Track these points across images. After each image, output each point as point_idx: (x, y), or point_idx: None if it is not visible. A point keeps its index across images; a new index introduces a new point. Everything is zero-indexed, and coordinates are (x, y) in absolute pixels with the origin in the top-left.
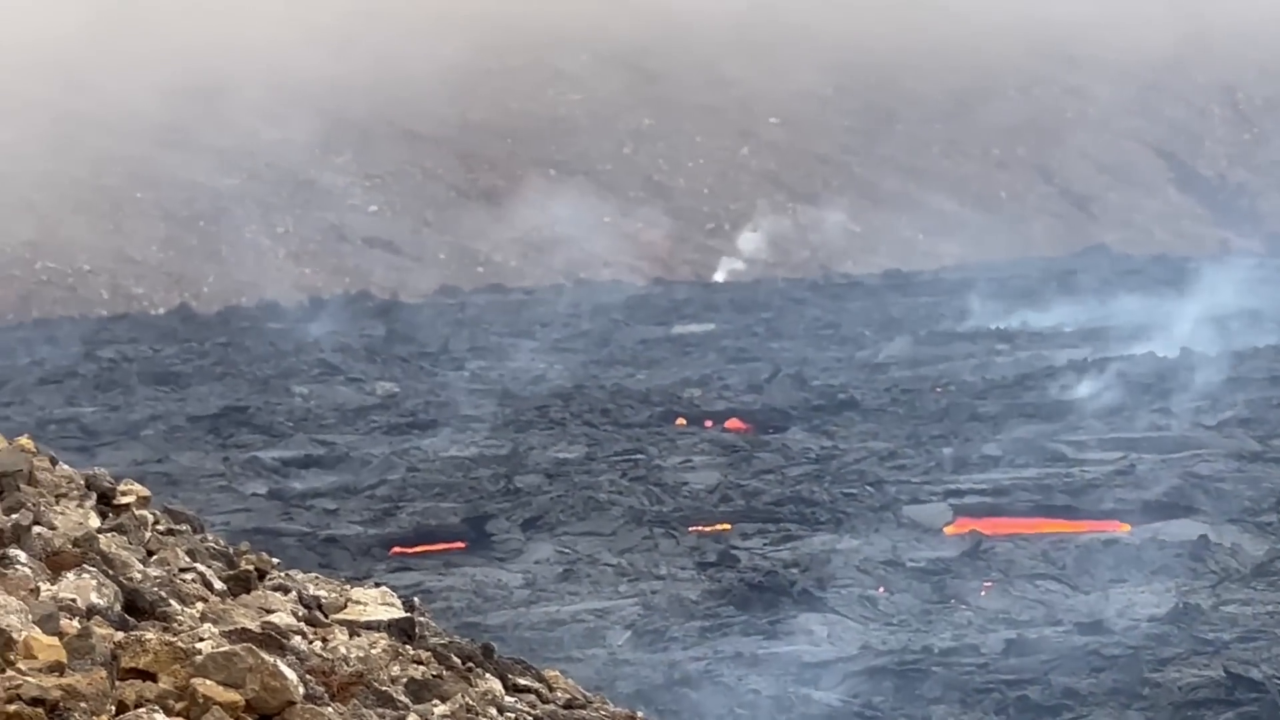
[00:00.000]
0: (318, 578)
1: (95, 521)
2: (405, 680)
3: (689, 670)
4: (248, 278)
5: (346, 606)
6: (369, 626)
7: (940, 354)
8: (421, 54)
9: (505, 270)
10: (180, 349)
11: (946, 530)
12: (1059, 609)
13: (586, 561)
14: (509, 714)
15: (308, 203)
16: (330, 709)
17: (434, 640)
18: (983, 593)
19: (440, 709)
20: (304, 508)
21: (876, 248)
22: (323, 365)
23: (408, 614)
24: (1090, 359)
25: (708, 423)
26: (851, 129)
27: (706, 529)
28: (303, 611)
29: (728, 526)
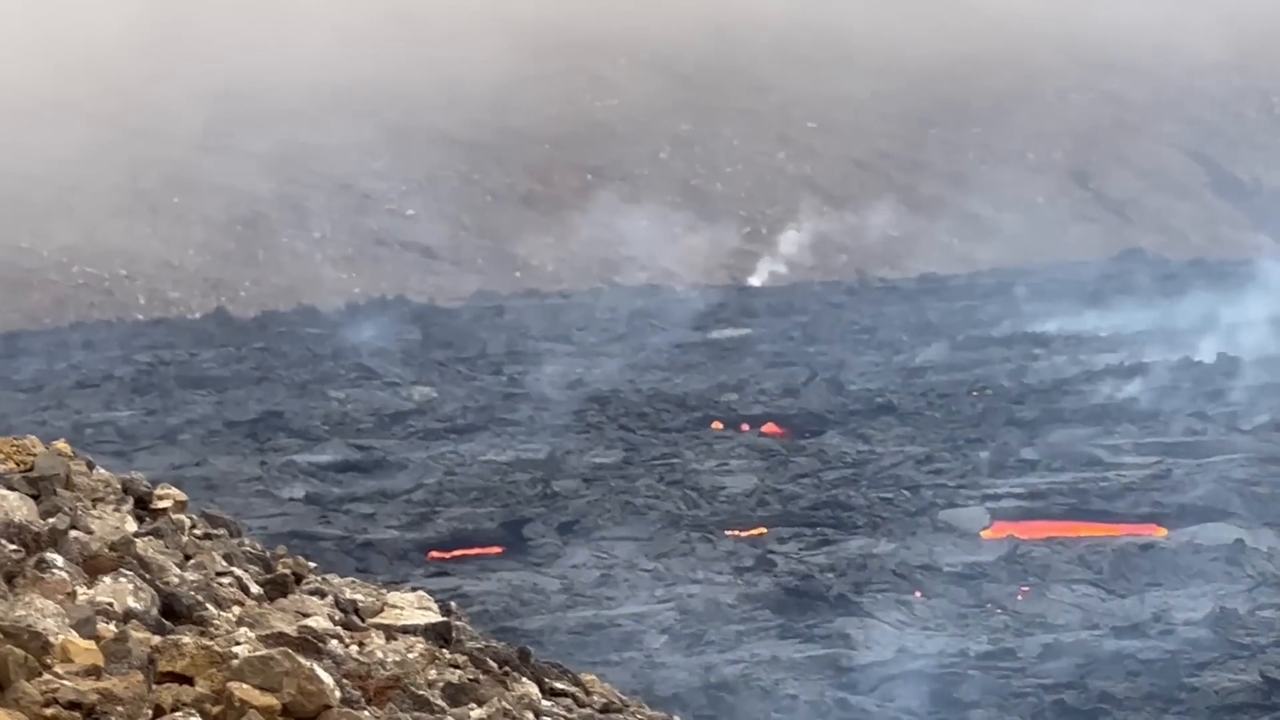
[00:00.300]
0: (354, 582)
1: (132, 526)
2: (442, 684)
3: (726, 674)
4: (285, 282)
5: (383, 610)
6: (406, 630)
7: (977, 358)
8: (460, 59)
9: (542, 275)
10: (217, 353)
11: (983, 534)
12: (1095, 613)
13: (623, 566)
14: (546, 718)
15: (345, 207)
16: (367, 713)
17: (471, 644)
18: (1019, 597)
19: (477, 713)
20: (341, 512)
21: (913, 252)
22: (360, 370)
23: (444, 618)
24: (1126, 363)
25: (744, 427)
26: (888, 134)
27: (743, 533)
28: (339, 615)
29: (764, 531)
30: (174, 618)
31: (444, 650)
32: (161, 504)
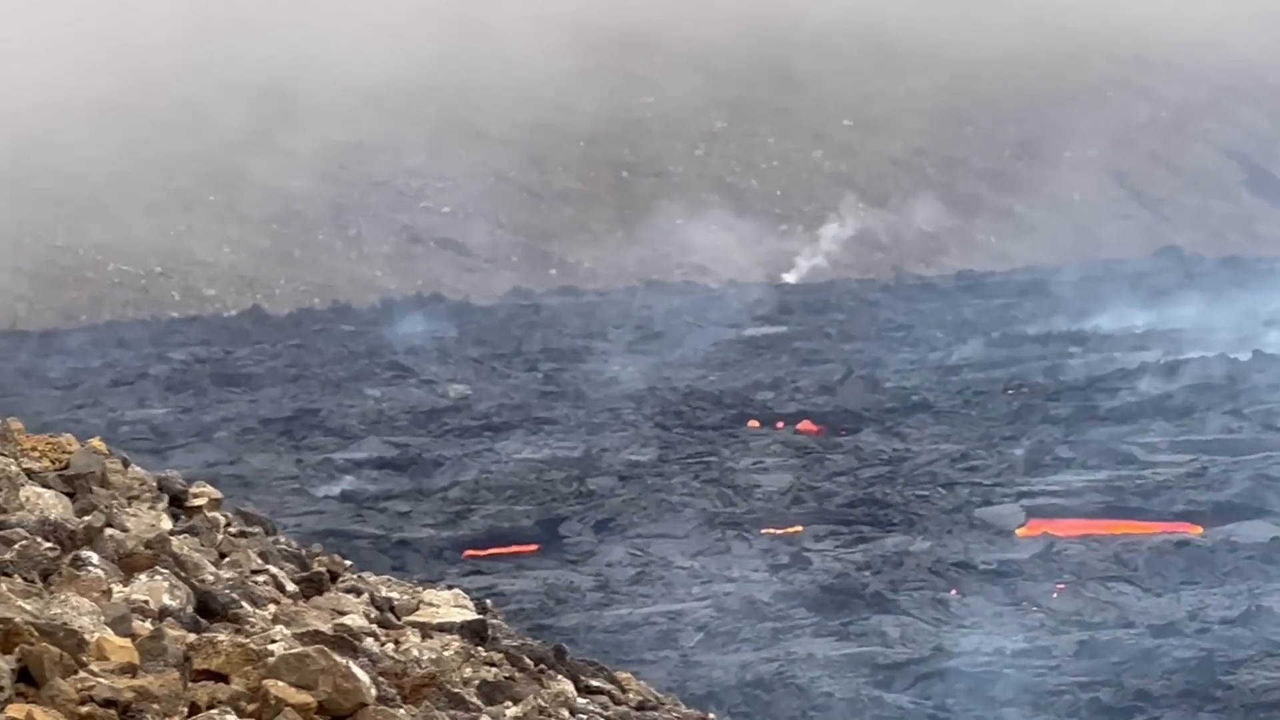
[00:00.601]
0: (390, 580)
1: (167, 523)
2: (477, 682)
3: (761, 672)
4: (321, 280)
5: (419, 608)
6: (441, 628)
7: (1013, 356)
8: (494, 56)
9: (578, 272)
10: (252, 351)
11: (1019, 532)
12: (1131, 611)
13: (659, 564)
14: (581, 715)
15: (380, 205)
16: (402, 711)
17: (506, 642)
18: (1055, 595)
19: (512, 711)
20: (376, 510)
21: (949, 249)
22: (395, 367)
23: (480, 616)
24: (1162, 361)
25: (780, 424)
26: (925, 131)
27: (779, 531)
28: (375, 613)
29: (800, 528)
30: (209, 615)
31: (479, 648)
32: (197, 502)
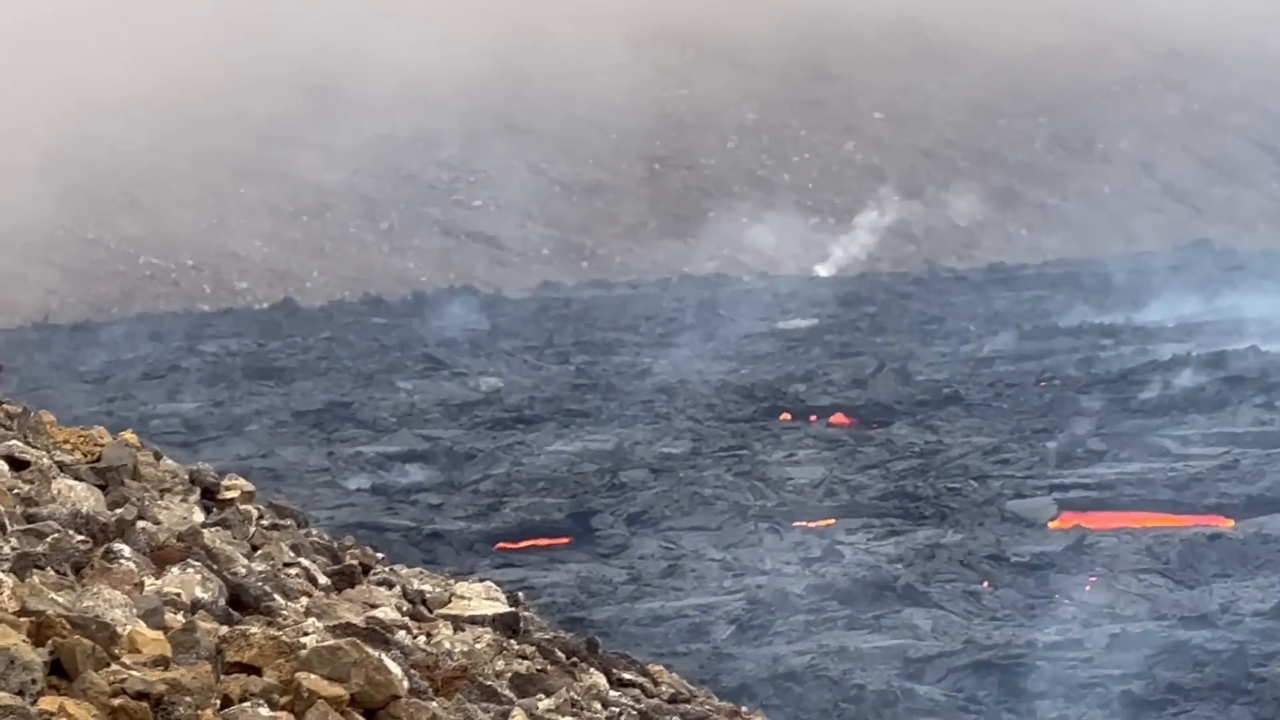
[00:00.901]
0: (422, 572)
1: (199, 516)
2: (510, 675)
3: (793, 665)
4: (351, 273)
5: (451, 601)
6: (474, 621)
7: (1044, 348)
8: (525, 49)
9: (610, 265)
10: (284, 344)
11: (1050, 525)
12: (1163, 604)
13: (691, 556)
14: (613, 708)
15: (412, 198)
16: (435, 703)
17: (539, 635)
18: (1087, 587)
19: (545, 703)
20: (408, 503)
21: (980, 242)
22: (427, 360)
23: (512, 609)
24: (1194, 354)
25: (812, 418)
26: (956, 124)
27: (811, 524)
28: (407, 606)
29: (832, 521)
30: (241, 608)
31: (512, 641)
32: (229, 494)
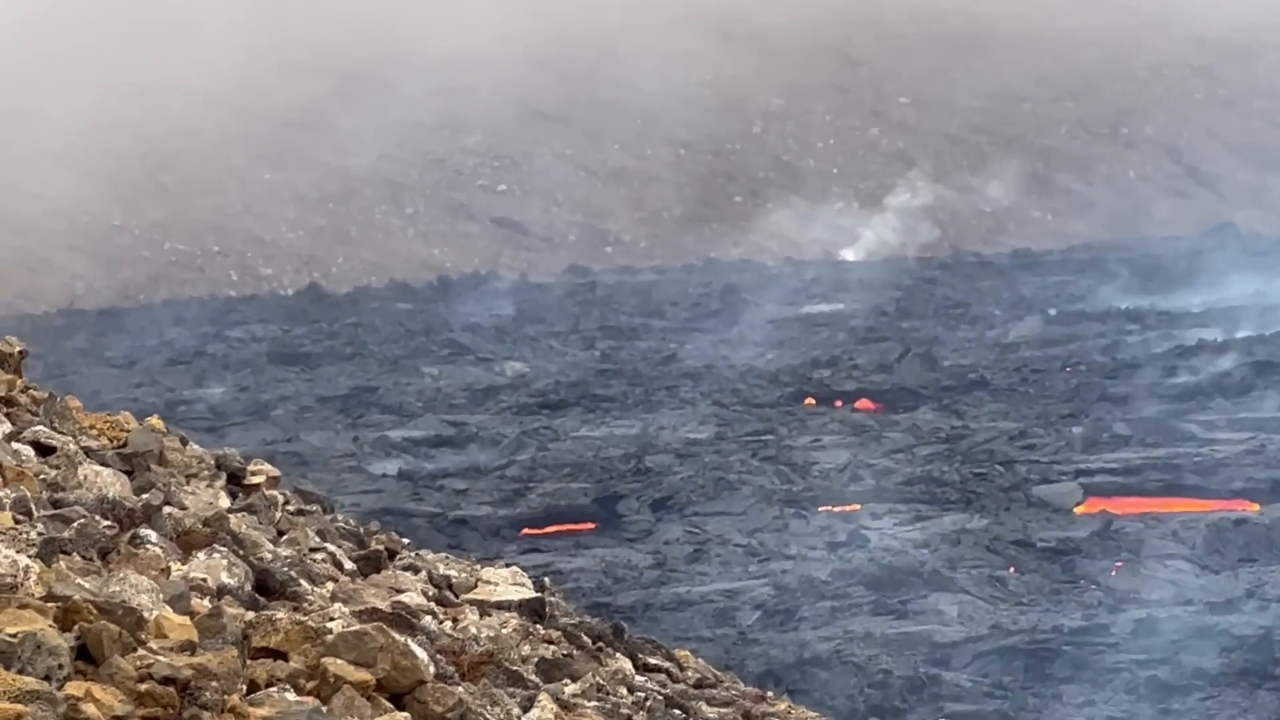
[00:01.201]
0: (448, 558)
1: (225, 501)
2: (536, 660)
3: (819, 650)
4: (377, 258)
5: (477, 586)
6: (499, 606)
7: (1070, 334)
8: (550, 33)
9: (634, 250)
10: (309, 329)
11: (1076, 510)
12: (1189, 589)
13: (716, 542)
14: (639, 693)
15: (437, 183)
16: (460, 688)
17: (564, 620)
18: (1113, 573)
19: (571, 688)
20: (434, 488)
21: (1006, 227)
22: (452, 345)
23: (538, 594)
24: (1220, 339)
25: (837, 402)
26: (981, 109)
27: (836, 509)
28: (433, 591)
29: (858, 506)
30: (268, 593)
31: (538, 626)
32: (254, 480)
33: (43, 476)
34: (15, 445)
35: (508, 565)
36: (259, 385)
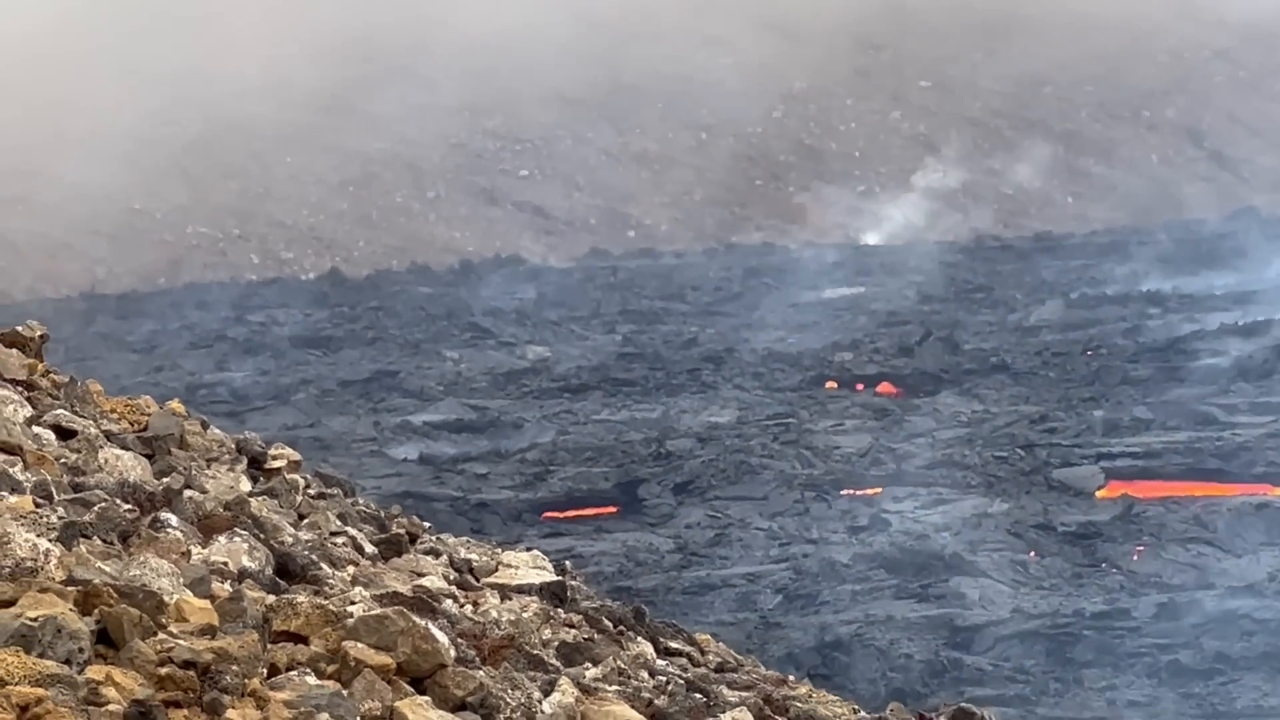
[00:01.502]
0: (469, 542)
1: (246, 485)
2: (557, 643)
3: (840, 634)
4: (398, 242)
5: (498, 570)
6: (520, 590)
7: (1091, 317)
8: (571, 17)
9: (656, 234)
10: (331, 313)
11: (1098, 494)
12: (1211, 573)
13: (738, 525)
14: (660, 676)
15: (458, 167)
16: (481, 672)
17: (585, 604)
18: (1134, 556)
19: (592, 672)
20: (455, 472)
21: (1027, 210)
22: (474, 329)
23: (559, 577)
24: (1241, 322)
25: (859, 386)
26: (1002, 93)
27: (857, 492)
28: (454, 575)
29: (879, 490)
30: (288, 577)
31: (559, 610)
32: (275, 464)
33: (63, 460)
34: (36, 429)
35: (529, 549)
36: (280, 369)
